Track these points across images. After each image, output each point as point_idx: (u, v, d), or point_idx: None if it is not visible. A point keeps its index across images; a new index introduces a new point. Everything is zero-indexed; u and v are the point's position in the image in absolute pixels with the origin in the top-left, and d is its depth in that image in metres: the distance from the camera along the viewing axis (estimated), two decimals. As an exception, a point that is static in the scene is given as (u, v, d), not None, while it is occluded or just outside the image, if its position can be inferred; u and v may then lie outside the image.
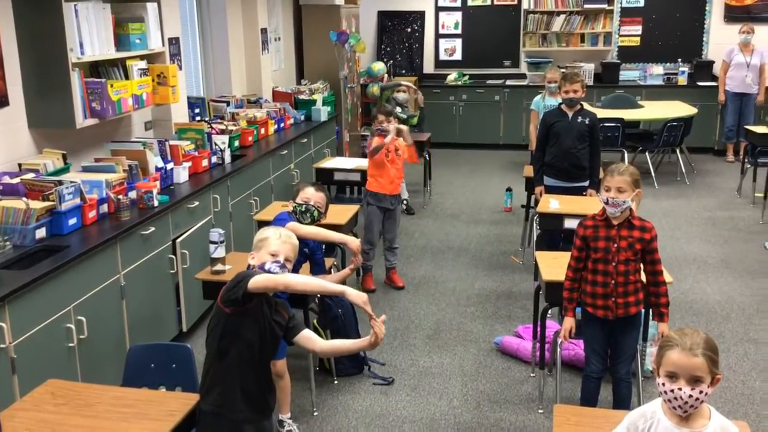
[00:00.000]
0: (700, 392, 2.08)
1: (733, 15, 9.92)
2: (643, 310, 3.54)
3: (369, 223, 5.51)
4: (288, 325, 2.70)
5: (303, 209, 3.89)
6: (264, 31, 7.54)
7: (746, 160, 7.94)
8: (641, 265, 3.43)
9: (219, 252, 3.93)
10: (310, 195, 3.93)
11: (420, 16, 10.89)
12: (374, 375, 4.34)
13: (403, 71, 10.93)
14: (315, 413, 3.95)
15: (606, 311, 3.40)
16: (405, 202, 7.21)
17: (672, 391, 2.09)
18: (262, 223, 4.29)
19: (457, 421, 3.89)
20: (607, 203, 3.34)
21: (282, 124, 7.02)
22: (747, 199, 7.76)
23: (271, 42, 7.82)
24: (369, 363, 4.41)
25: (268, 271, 2.71)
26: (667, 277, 3.72)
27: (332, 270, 4.22)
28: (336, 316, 4.32)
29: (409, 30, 10.97)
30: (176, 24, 5.80)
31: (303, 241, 3.56)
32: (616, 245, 3.34)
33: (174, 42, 5.69)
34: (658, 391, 2.16)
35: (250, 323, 2.59)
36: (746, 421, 3.74)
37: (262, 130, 6.57)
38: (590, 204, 4.55)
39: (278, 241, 2.85)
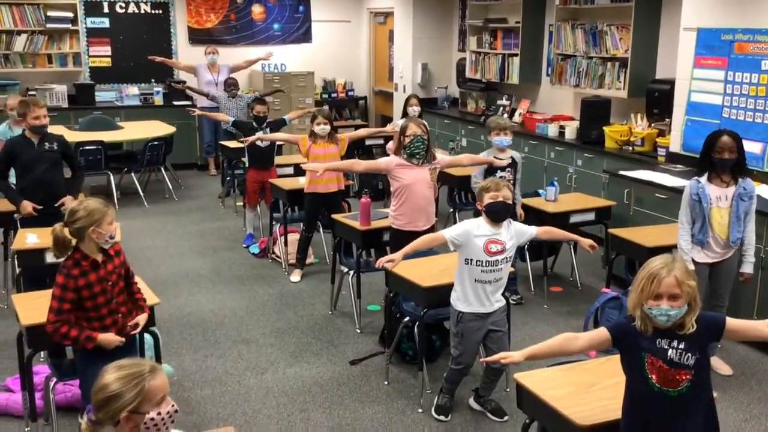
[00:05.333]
0: None
1: (196, 37, 10.55)
2: None
3: None
4: None
5: None
6: None
7: (226, 173, 8.57)
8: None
9: None
10: None
11: None
12: None
13: None
14: None
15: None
16: None
17: None
18: None
19: None
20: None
21: None
22: (230, 209, 8.35)
23: None
24: None
25: None
26: (153, 297, 3.77)
27: None
28: None
29: None
30: None
31: None
32: (110, 282, 3.33)
33: None
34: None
35: None
36: (244, 419, 4.03)
37: None
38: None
39: None
